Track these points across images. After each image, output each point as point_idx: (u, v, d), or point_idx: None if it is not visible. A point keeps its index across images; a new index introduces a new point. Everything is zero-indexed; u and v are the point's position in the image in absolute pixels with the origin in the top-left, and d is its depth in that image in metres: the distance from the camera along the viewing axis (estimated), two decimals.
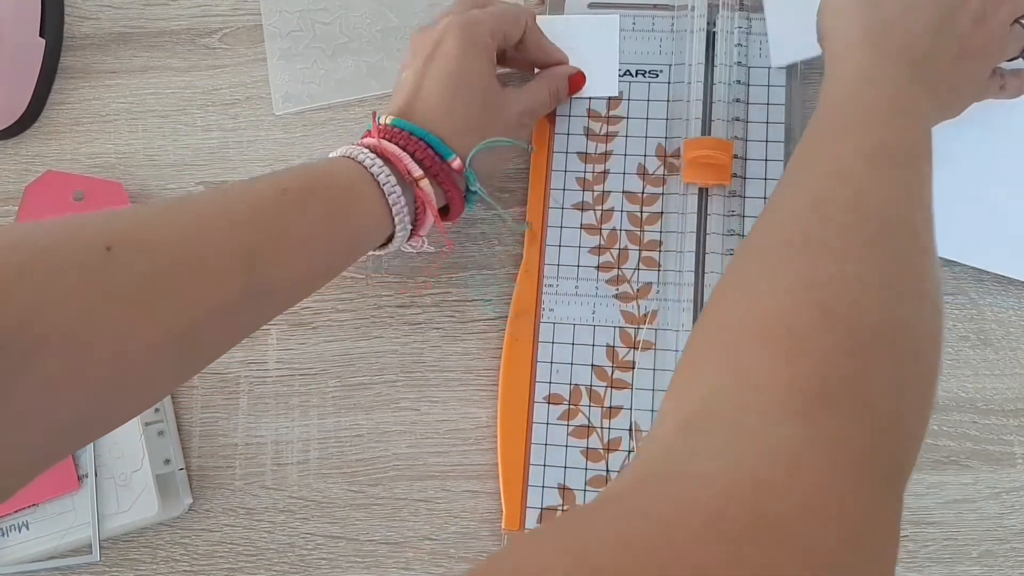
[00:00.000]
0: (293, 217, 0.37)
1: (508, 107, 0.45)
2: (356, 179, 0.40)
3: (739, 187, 0.49)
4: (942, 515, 0.46)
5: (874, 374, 0.27)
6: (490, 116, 0.44)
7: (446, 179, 0.43)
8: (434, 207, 0.42)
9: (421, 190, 0.42)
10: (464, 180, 0.44)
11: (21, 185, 0.52)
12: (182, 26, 0.57)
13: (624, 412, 0.47)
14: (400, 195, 0.41)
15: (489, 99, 0.44)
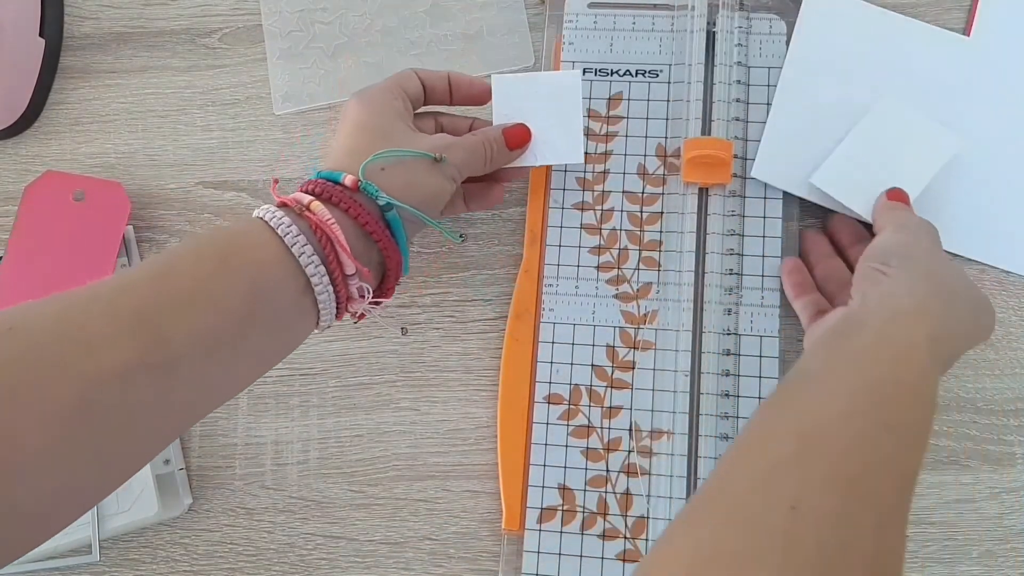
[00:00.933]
0: (180, 268, 0.34)
1: (421, 140, 0.42)
2: (245, 224, 0.37)
3: (739, 187, 0.49)
4: (942, 515, 0.46)
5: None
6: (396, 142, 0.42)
7: (342, 199, 0.39)
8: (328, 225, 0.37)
9: (313, 213, 0.37)
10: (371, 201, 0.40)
11: (21, 185, 0.52)
12: (182, 26, 0.57)
13: (624, 412, 0.47)
14: (290, 224, 0.37)
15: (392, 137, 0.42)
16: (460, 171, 0.43)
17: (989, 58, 0.50)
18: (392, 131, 0.42)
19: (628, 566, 0.45)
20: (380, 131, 0.42)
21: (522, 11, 0.54)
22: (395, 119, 0.43)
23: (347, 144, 0.42)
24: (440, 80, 0.46)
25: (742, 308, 0.47)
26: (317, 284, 0.37)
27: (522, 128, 0.46)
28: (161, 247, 0.53)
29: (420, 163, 0.42)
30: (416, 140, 0.42)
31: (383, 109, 0.43)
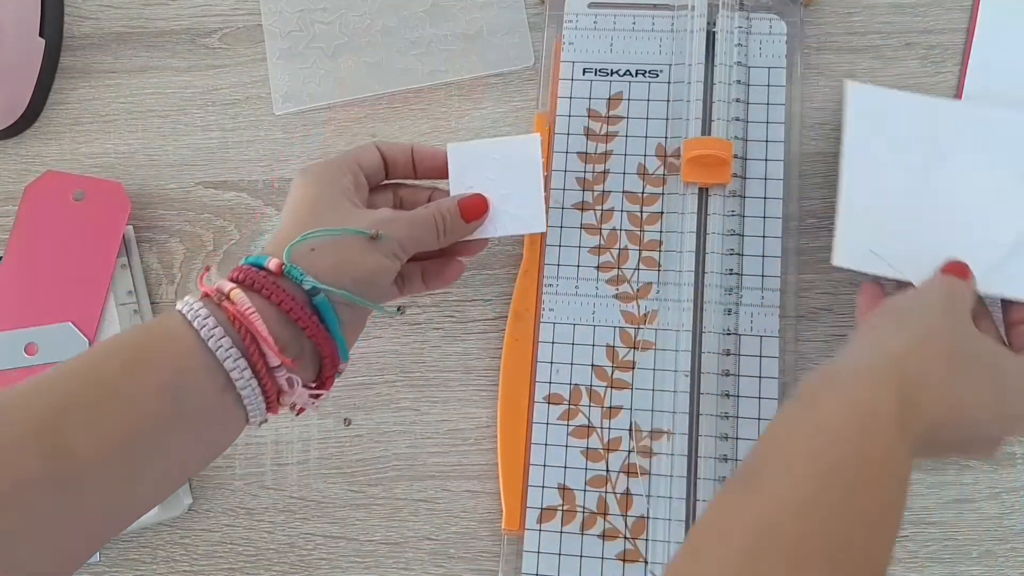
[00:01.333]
0: (88, 369, 0.32)
1: (359, 217, 0.40)
2: (163, 317, 0.35)
3: (739, 187, 0.49)
4: (942, 515, 0.46)
5: None
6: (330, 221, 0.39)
7: (264, 285, 0.35)
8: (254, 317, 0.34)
9: (231, 303, 0.34)
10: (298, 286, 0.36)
11: (21, 185, 0.52)
12: (182, 26, 0.57)
13: (624, 412, 0.47)
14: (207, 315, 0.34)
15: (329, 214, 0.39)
16: (404, 247, 0.40)
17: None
18: (331, 209, 0.39)
19: (628, 566, 0.45)
20: (318, 210, 0.39)
21: (522, 11, 0.54)
22: (337, 196, 0.40)
23: (284, 224, 0.39)
24: (402, 153, 0.44)
25: (742, 308, 0.47)
26: (238, 379, 0.34)
27: (479, 199, 0.43)
28: (161, 247, 0.53)
29: (355, 242, 0.38)
30: (353, 217, 0.39)
31: (326, 186, 0.40)
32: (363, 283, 0.38)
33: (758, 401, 0.46)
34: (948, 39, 0.51)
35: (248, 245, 0.53)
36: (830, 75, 0.52)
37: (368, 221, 0.39)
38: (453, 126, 0.53)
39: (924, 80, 0.51)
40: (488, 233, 0.44)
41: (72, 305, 0.50)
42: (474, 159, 0.43)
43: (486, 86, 0.54)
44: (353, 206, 0.40)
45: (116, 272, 0.51)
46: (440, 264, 0.45)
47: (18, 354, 0.49)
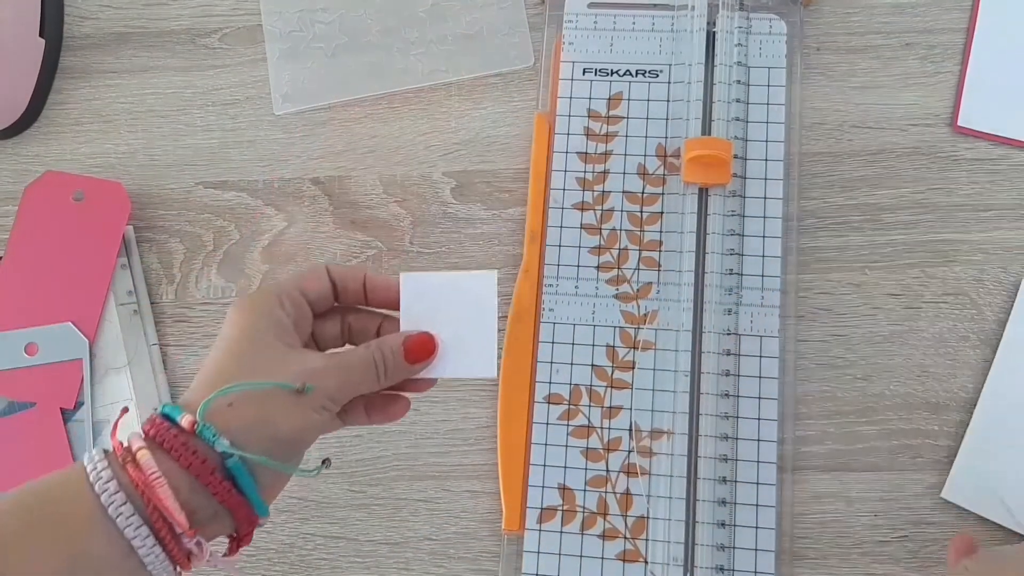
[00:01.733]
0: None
1: (288, 364, 0.36)
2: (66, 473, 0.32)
3: (739, 187, 0.49)
4: (942, 515, 0.46)
5: None
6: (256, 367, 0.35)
7: (174, 445, 0.32)
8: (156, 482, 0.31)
9: (136, 467, 0.31)
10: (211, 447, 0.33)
11: (21, 185, 0.52)
12: (182, 26, 0.57)
13: (624, 412, 0.47)
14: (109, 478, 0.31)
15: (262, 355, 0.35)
16: (335, 399, 0.36)
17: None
18: (258, 353, 0.36)
19: (628, 566, 0.45)
20: (244, 353, 0.35)
21: (522, 11, 0.54)
22: (268, 337, 0.36)
23: (207, 366, 0.35)
24: (354, 280, 0.40)
25: (742, 308, 0.47)
26: (140, 547, 0.31)
27: (426, 339, 0.39)
28: (161, 247, 0.53)
29: (279, 394, 0.35)
30: (281, 364, 0.35)
31: (259, 321, 0.36)
32: (286, 442, 0.35)
33: (758, 401, 0.46)
34: (948, 39, 0.51)
35: (248, 245, 0.53)
36: (830, 75, 0.52)
37: (296, 371, 0.35)
38: (453, 126, 0.53)
39: (924, 80, 0.51)
40: (435, 373, 0.40)
41: (72, 305, 0.50)
42: (427, 290, 0.40)
43: (486, 86, 0.54)
44: (286, 347, 0.36)
45: (116, 272, 0.51)
46: (384, 400, 0.41)
47: (18, 354, 0.49)
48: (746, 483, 0.45)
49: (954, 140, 0.50)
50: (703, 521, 0.45)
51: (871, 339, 0.48)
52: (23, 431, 0.49)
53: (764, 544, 0.45)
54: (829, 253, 0.49)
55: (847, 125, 0.51)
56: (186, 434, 0.33)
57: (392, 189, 0.53)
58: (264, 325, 0.36)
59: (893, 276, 0.49)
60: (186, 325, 0.52)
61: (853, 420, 0.47)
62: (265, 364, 0.35)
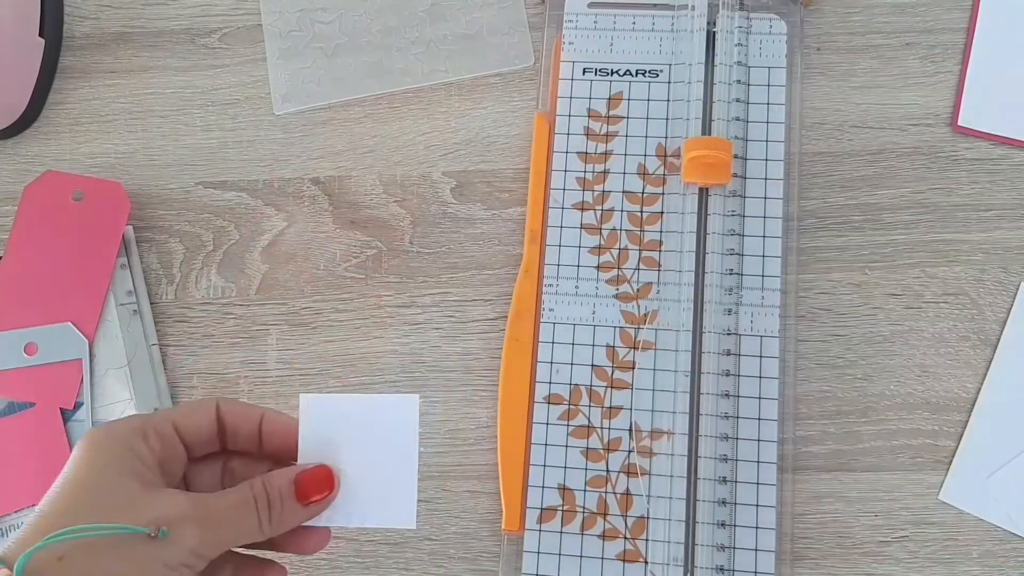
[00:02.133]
0: None
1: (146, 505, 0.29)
2: None
3: (739, 187, 0.49)
4: (942, 515, 0.46)
5: None
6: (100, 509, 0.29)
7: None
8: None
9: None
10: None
11: (21, 185, 0.52)
12: (182, 26, 0.57)
13: (624, 412, 0.47)
14: None
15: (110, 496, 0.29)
16: (200, 553, 0.30)
17: None
18: (106, 491, 0.29)
19: (628, 566, 0.45)
20: (88, 491, 0.29)
21: (522, 11, 0.54)
22: (121, 473, 0.30)
23: (42, 507, 0.29)
24: (247, 422, 0.34)
25: (742, 308, 0.47)
26: None
27: (324, 472, 0.33)
28: (161, 247, 0.53)
29: (124, 546, 0.28)
30: (131, 507, 0.29)
31: (110, 457, 0.30)
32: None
33: (758, 401, 0.46)
34: (948, 39, 0.51)
35: (248, 245, 0.53)
36: (830, 75, 0.52)
37: (149, 516, 0.29)
38: (453, 126, 0.53)
39: (924, 80, 0.51)
40: (337, 522, 0.34)
41: (72, 305, 0.50)
42: (333, 417, 0.33)
43: (486, 86, 0.54)
44: (140, 486, 0.30)
45: (116, 272, 0.51)
46: (256, 568, 0.35)
47: (18, 354, 0.49)
48: (746, 483, 0.45)
49: (954, 140, 0.50)
50: (703, 521, 0.45)
51: (871, 339, 0.48)
52: (23, 431, 0.49)
53: (764, 544, 0.45)
54: (829, 253, 0.49)
55: (847, 125, 0.51)
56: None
57: (392, 189, 0.53)
58: (117, 461, 0.30)
59: (893, 276, 0.49)
60: (186, 325, 0.52)
61: (853, 420, 0.47)
62: (111, 505, 0.29)
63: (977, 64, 0.50)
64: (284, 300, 0.52)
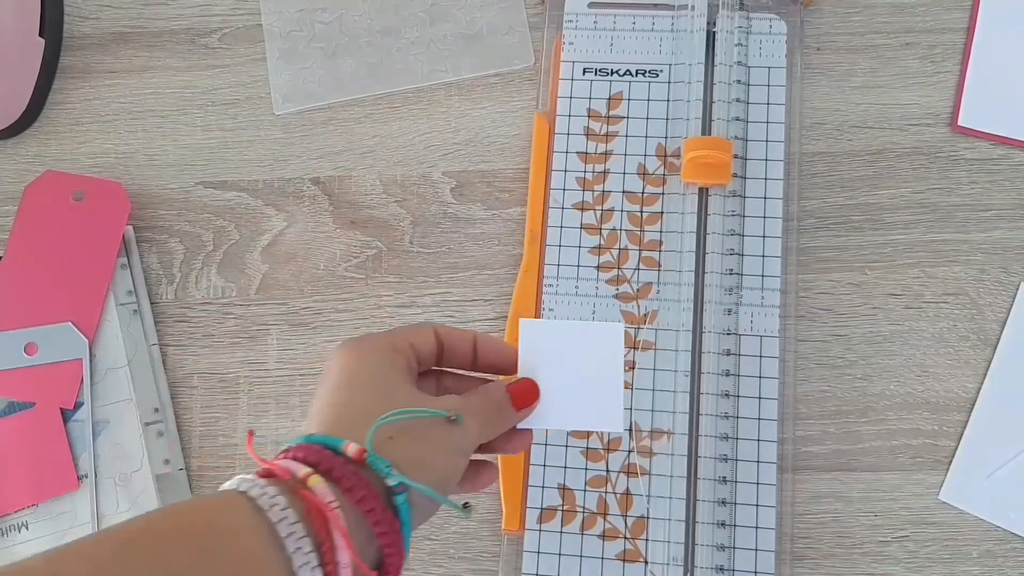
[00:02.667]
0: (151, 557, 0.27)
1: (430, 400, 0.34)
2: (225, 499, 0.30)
3: (739, 187, 0.49)
4: (942, 515, 0.46)
5: None
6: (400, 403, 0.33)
7: (343, 474, 0.30)
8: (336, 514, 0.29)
9: (310, 491, 0.30)
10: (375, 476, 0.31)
11: (21, 185, 0.52)
12: (182, 26, 0.57)
13: (624, 412, 0.47)
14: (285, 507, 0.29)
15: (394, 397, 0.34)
16: (478, 439, 0.34)
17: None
18: (393, 388, 0.34)
19: (628, 566, 0.45)
20: (377, 387, 0.34)
21: (522, 11, 0.54)
22: (393, 374, 0.34)
23: (337, 399, 0.33)
24: (462, 342, 0.38)
25: (742, 308, 0.47)
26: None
27: (529, 384, 0.37)
28: (161, 247, 0.53)
29: (433, 430, 0.33)
30: (421, 400, 0.34)
31: (380, 361, 0.35)
32: (440, 481, 0.33)
33: (758, 401, 0.46)
34: (948, 39, 0.51)
35: (248, 245, 0.53)
36: (830, 75, 0.52)
37: (442, 404, 0.34)
38: (453, 126, 0.53)
39: (924, 80, 0.51)
40: (555, 425, 0.38)
41: (72, 305, 0.50)
42: (548, 339, 0.38)
43: (486, 86, 0.54)
44: (414, 388, 0.35)
45: (116, 272, 0.51)
46: (474, 468, 0.38)
47: (18, 354, 0.49)
48: (746, 483, 0.45)
49: (954, 140, 0.50)
50: (703, 521, 0.45)
51: (871, 339, 0.48)
52: (23, 431, 0.49)
53: (764, 544, 0.45)
54: (829, 253, 0.49)
55: (847, 125, 0.51)
56: (355, 464, 0.31)
57: (392, 189, 0.53)
58: (386, 365, 0.34)
59: (893, 276, 0.49)
60: (186, 325, 0.52)
61: (853, 420, 0.47)
62: (403, 397, 0.33)
63: (977, 64, 0.50)
64: (284, 300, 0.52)
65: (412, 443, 0.32)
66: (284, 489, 0.30)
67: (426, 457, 0.33)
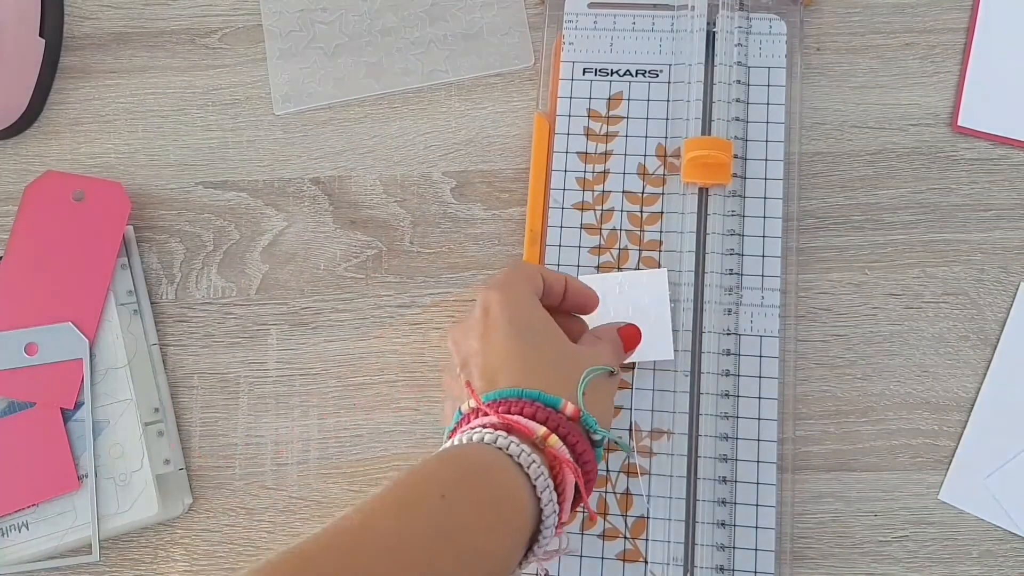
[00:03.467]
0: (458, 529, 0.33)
1: (587, 359, 0.40)
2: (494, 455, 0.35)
3: (739, 187, 0.49)
4: (942, 515, 0.46)
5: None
6: (574, 364, 0.39)
7: (568, 431, 0.36)
8: (572, 467, 0.35)
9: (552, 449, 0.35)
10: (584, 429, 0.37)
11: (21, 185, 0.52)
12: (182, 26, 0.57)
13: (624, 412, 0.47)
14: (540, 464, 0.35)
15: (562, 348, 0.40)
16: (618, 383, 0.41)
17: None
18: (559, 345, 0.40)
19: (628, 566, 0.45)
20: (552, 344, 0.39)
21: (522, 11, 0.54)
22: (554, 326, 0.40)
23: (520, 349, 0.38)
24: (558, 283, 0.43)
25: (742, 308, 0.47)
26: (546, 530, 0.35)
27: (633, 329, 0.44)
28: (161, 247, 0.53)
29: (603, 384, 0.40)
30: (587, 354, 0.40)
31: (542, 317, 0.40)
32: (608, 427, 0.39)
33: (758, 401, 0.46)
34: (948, 39, 0.52)
35: (248, 245, 0.53)
36: (830, 75, 0.52)
37: (603, 360, 0.40)
38: (453, 126, 0.53)
39: (924, 80, 0.51)
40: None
41: (72, 305, 0.50)
42: (602, 290, 0.46)
43: (486, 86, 0.54)
44: (567, 338, 0.40)
45: (116, 272, 0.51)
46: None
47: (18, 354, 0.49)
48: (746, 483, 0.45)
49: (954, 140, 0.50)
50: (703, 521, 0.45)
51: (871, 339, 0.48)
52: (23, 431, 0.49)
53: (764, 544, 0.45)
54: (829, 253, 0.49)
55: (847, 125, 0.51)
56: (573, 422, 0.37)
57: (392, 189, 0.53)
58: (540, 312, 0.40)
59: (893, 276, 0.49)
60: (186, 325, 0.52)
61: (853, 420, 0.47)
62: (568, 348, 0.40)
63: (977, 64, 0.51)
64: (284, 300, 0.52)
65: (596, 396, 0.39)
66: (536, 448, 0.35)
67: (604, 407, 0.40)
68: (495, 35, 0.54)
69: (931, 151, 0.50)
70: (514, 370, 0.38)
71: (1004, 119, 0.50)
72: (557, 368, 0.38)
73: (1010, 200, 0.49)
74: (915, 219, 0.49)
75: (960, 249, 0.49)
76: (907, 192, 0.50)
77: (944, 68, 0.51)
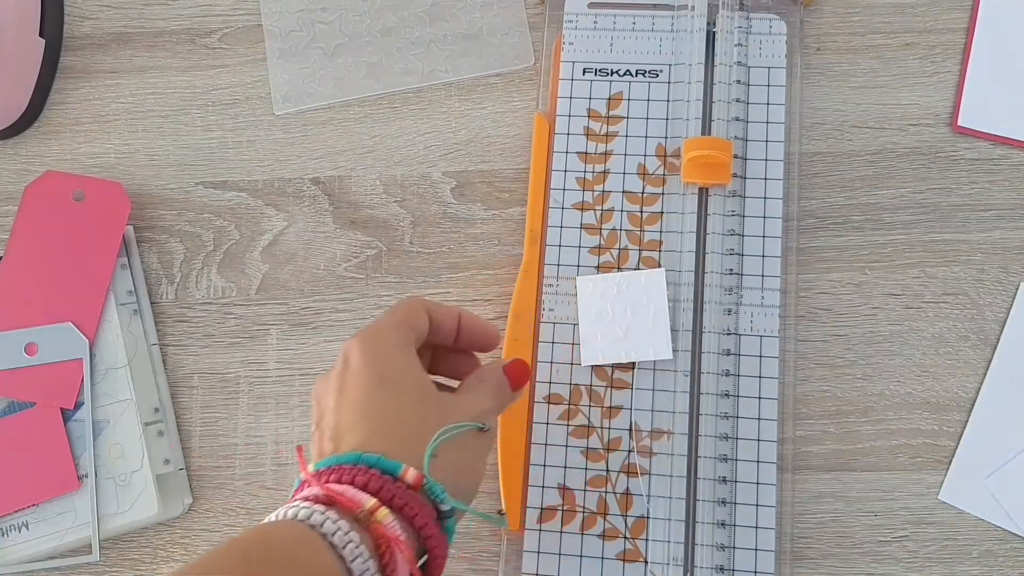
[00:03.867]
0: None
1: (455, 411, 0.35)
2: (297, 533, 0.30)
3: (739, 187, 0.49)
4: (942, 515, 0.46)
5: None
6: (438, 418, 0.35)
7: (406, 502, 0.31)
8: (404, 545, 0.31)
9: (380, 524, 0.31)
10: (430, 498, 0.33)
11: (21, 185, 0.52)
12: (182, 26, 0.57)
13: (624, 412, 0.47)
14: (358, 544, 0.30)
15: (426, 400, 0.35)
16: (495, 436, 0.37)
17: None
18: (422, 388, 0.35)
19: (628, 566, 0.45)
20: (411, 396, 0.35)
21: (522, 11, 0.54)
22: (416, 369, 0.36)
23: (373, 405, 0.34)
24: (449, 319, 0.39)
25: (742, 308, 0.47)
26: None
27: (519, 364, 0.40)
28: (161, 247, 0.53)
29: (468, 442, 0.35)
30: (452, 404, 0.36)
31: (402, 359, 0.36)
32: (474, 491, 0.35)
33: (758, 401, 0.46)
34: (948, 39, 0.52)
35: (248, 245, 0.53)
36: (830, 75, 0.52)
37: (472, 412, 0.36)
38: (453, 126, 0.53)
39: (924, 80, 0.51)
40: (613, 358, 0.46)
41: (72, 305, 0.50)
42: (601, 290, 0.46)
43: (486, 86, 0.54)
44: (436, 388, 0.36)
45: (116, 272, 0.51)
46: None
47: (18, 354, 0.49)
48: (746, 483, 0.45)
49: (954, 140, 0.50)
50: (703, 521, 0.45)
51: (871, 339, 0.48)
52: (23, 431, 0.49)
53: (764, 544, 0.45)
54: (829, 253, 0.49)
55: (847, 125, 0.51)
56: (413, 491, 0.32)
57: (392, 189, 0.53)
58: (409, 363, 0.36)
59: (893, 276, 0.49)
60: (186, 325, 0.52)
61: (853, 420, 0.47)
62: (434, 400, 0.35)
63: (977, 64, 0.51)
64: (284, 300, 0.52)
65: (454, 458, 0.34)
66: (355, 523, 0.31)
67: (465, 471, 0.35)
68: (495, 35, 0.54)
69: (931, 151, 0.50)
70: (364, 428, 0.34)
71: (1004, 119, 0.50)
72: (416, 425, 0.34)
73: (1010, 200, 0.49)
74: (915, 219, 0.49)
75: (960, 249, 0.49)
76: (907, 192, 0.50)
77: (944, 68, 0.51)
